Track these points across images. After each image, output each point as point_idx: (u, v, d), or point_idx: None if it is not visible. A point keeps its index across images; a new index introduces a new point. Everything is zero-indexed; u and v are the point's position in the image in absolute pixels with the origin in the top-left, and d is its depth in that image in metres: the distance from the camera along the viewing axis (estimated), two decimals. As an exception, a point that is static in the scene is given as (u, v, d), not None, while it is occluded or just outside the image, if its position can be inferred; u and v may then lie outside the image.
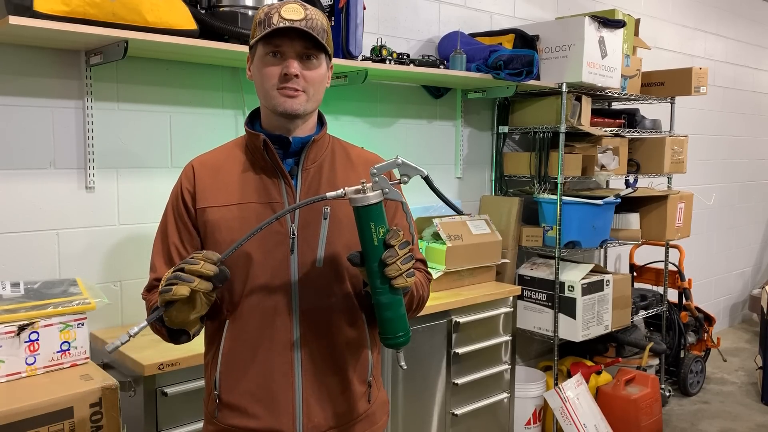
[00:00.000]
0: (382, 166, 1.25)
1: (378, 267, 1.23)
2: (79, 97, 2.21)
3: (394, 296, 1.25)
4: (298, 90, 1.32)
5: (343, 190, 1.24)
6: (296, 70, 1.30)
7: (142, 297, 1.43)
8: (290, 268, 1.34)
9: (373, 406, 1.46)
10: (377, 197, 1.22)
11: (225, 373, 1.37)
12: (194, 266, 1.18)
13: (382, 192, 1.24)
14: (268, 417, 1.35)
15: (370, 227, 1.22)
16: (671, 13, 4.86)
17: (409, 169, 1.27)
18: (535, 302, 3.40)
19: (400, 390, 2.60)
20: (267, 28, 1.29)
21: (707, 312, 4.44)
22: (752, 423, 3.84)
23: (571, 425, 3.17)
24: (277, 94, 1.32)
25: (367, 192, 1.22)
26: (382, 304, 1.25)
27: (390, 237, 1.23)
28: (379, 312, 1.26)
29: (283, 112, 1.33)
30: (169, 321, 1.25)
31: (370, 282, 1.26)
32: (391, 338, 1.28)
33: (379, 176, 1.24)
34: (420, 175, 1.28)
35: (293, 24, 1.27)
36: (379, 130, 3.06)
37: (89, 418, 1.76)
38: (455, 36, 3.12)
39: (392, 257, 1.21)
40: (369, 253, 1.23)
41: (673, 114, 3.98)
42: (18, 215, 2.12)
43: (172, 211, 1.41)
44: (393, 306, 1.26)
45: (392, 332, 1.27)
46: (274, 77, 1.31)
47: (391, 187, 1.25)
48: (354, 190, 1.23)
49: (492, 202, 3.48)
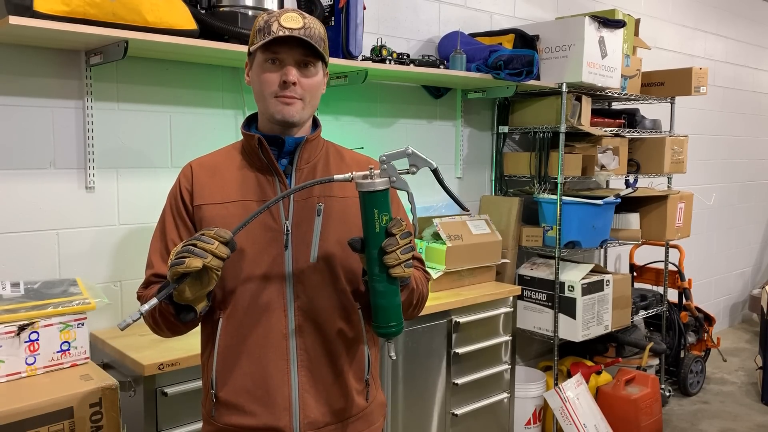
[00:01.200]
0: (392, 154, 1.26)
1: (378, 254, 1.23)
2: (79, 97, 2.21)
3: (391, 285, 1.26)
4: (295, 97, 1.35)
5: (351, 174, 1.25)
6: (294, 77, 1.33)
7: (138, 295, 1.43)
8: (284, 264, 1.36)
9: (371, 405, 1.47)
10: (384, 184, 1.23)
11: (221, 371, 1.37)
12: (208, 245, 1.18)
13: (389, 180, 1.24)
14: (264, 414, 1.35)
15: (373, 213, 1.23)
16: (671, 13, 4.86)
17: (418, 160, 1.27)
18: (535, 302, 3.40)
19: (400, 390, 2.60)
20: (267, 35, 1.31)
21: (707, 312, 4.44)
22: (752, 423, 3.84)
23: (571, 425, 3.17)
24: (275, 102, 1.35)
25: (375, 178, 1.23)
26: (377, 292, 1.26)
27: (392, 225, 1.23)
28: (374, 299, 1.27)
29: (281, 119, 1.36)
30: (177, 296, 1.24)
31: (368, 268, 1.27)
32: (383, 327, 1.28)
33: (387, 164, 1.25)
34: (429, 167, 1.28)
35: (292, 33, 1.30)
36: (379, 130, 3.06)
37: (89, 418, 1.76)
38: (455, 36, 3.12)
39: (392, 245, 1.22)
40: (370, 239, 1.24)
41: (673, 114, 3.98)
42: (18, 215, 2.12)
43: (170, 209, 1.43)
44: (388, 294, 1.26)
45: (384, 321, 1.27)
46: (273, 84, 1.34)
47: (399, 176, 1.26)
48: (362, 175, 1.24)
49: (492, 202, 3.48)
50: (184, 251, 1.18)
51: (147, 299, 1.37)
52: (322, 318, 1.38)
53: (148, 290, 1.40)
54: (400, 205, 1.50)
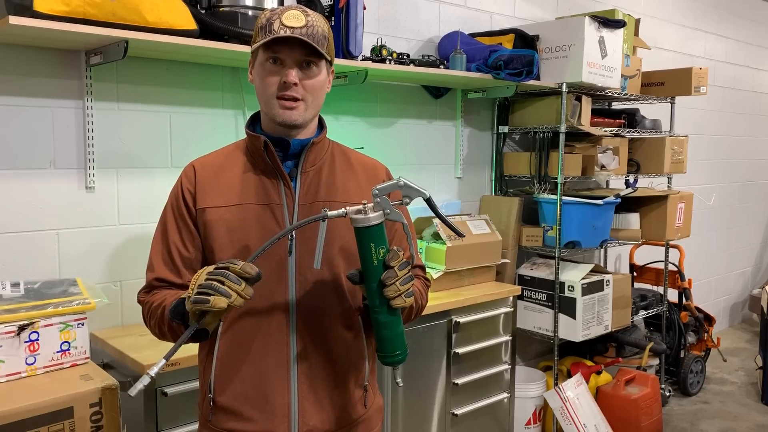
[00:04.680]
0: (384, 187, 1.24)
1: (377, 287, 1.23)
2: (79, 97, 2.21)
3: (392, 316, 1.25)
4: (297, 99, 1.32)
5: (345, 210, 1.23)
6: (295, 78, 1.30)
7: (139, 299, 1.41)
8: (288, 270, 1.34)
9: (369, 411, 1.46)
10: (378, 218, 1.22)
11: (219, 375, 1.36)
12: (235, 285, 1.15)
13: (383, 213, 1.23)
14: (263, 420, 1.34)
15: (370, 248, 1.22)
16: (671, 13, 4.85)
17: (410, 191, 1.26)
18: (535, 302, 3.39)
19: (400, 390, 2.60)
20: (268, 34, 1.29)
21: (707, 312, 4.44)
22: (752, 423, 3.84)
23: (571, 425, 3.17)
24: (276, 104, 1.32)
25: (368, 213, 1.21)
26: (380, 323, 1.26)
27: (390, 258, 1.22)
28: (378, 330, 1.27)
29: (281, 122, 1.34)
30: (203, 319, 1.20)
31: (369, 301, 1.26)
32: (389, 356, 1.28)
33: (380, 197, 1.23)
34: (422, 197, 1.27)
35: (293, 32, 1.27)
36: (379, 130, 3.06)
37: (89, 418, 1.76)
38: (455, 36, 3.12)
39: (391, 278, 1.21)
40: (368, 273, 1.23)
41: (673, 114, 3.98)
42: (18, 215, 2.12)
43: (171, 210, 1.40)
44: (391, 325, 1.26)
45: (390, 350, 1.28)
46: (273, 85, 1.32)
47: (393, 208, 1.24)
48: (355, 210, 1.22)
49: (492, 202, 3.48)
50: (207, 287, 1.14)
51: (150, 308, 1.35)
52: (324, 325, 1.36)
53: (152, 296, 1.37)
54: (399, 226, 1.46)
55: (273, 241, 1.21)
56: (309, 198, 1.37)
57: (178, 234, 1.38)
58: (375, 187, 1.24)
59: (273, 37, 1.28)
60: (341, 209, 1.23)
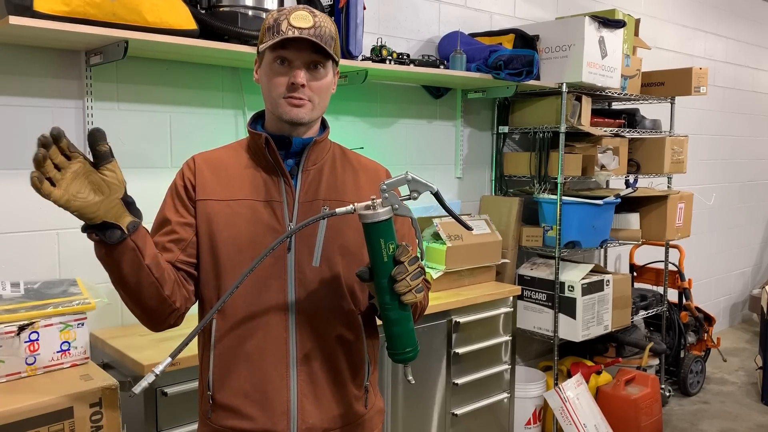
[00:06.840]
0: (392, 182, 1.24)
1: (387, 283, 1.22)
2: (79, 97, 2.21)
3: (403, 312, 1.25)
4: (303, 99, 1.32)
5: (353, 206, 1.23)
6: (303, 80, 1.30)
7: None
8: (287, 267, 1.34)
9: (370, 412, 1.46)
10: (387, 213, 1.22)
11: (218, 373, 1.36)
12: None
13: (391, 208, 1.23)
14: (262, 418, 1.34)
15: (379, 243, 1.21)
16: (671, 13, 4.85)
17: (418, 185, 1.26)
18: (535, 302, 3.39)
19: (401, 390, 2.60)
20: (276, 34, 1.28)
21: (707, 312, 4.44)
22: (752, 423, 3.84)
23: (571, 425, 3.17)
24: (283, 103, 1.32)
25: (377, 208, 1.21)
26: (391, 320, 1.25)
27: (399, 253, 1.22)
28: (388, 327, 1.27)
29: (288, 120, 1.33)
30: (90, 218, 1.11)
31: (378, 297, 1.26)
32: (400, 353, 1.28)
33: (388, 192, 1.23)
34: (430, 191, 1.27)
35: (302, 33, 1.27)
36: (379, 130, 3.06)
37: (89, 418, 1.76)
38: (455, 36, 3.12)
39: (402, 273, 1.21)
40: (378, 269, 1.23)
41: (673, 114, 3.98)
42: (18, 215, 2.12)
43: (170, 192, 1.40)
44: (402, 321, 1.26)
45: (401, 347, 1.28)
46: (281, 86, 1.31)
47: (401, 203, 1.24)
48: (364, 206, 1.22)
49: (492, 202, 3.48)
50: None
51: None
52: (323, 323, 1.36)
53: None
54: (407, 222, 1.45)
55: (280, 241, 1.21)
56: (309, 196, 1.37)
57: (174, 209, 1.37)
58: (383, 182, 1.23)
59: (282, 38, 1.27)
60: (349, 206, 1.23)
